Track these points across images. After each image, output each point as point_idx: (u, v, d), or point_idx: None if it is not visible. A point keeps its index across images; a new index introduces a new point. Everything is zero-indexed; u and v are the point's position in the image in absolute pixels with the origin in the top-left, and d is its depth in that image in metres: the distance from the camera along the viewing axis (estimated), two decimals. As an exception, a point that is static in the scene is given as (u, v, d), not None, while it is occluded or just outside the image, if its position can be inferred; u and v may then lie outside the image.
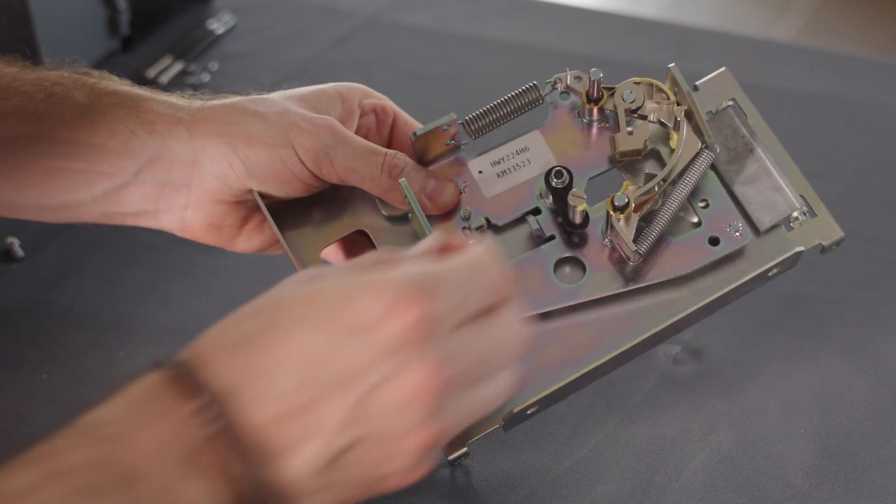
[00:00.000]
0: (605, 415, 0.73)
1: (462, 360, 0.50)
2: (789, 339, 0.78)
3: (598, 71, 0.69)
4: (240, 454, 0.47)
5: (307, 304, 0.50)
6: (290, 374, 0.48)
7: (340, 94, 0.72)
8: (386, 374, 0.48)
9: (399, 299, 0.49)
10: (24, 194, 0.71)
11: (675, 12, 2.75)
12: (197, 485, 0.47)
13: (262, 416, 0.48)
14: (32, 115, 0.69)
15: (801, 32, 2.70)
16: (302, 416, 0.48)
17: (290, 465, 0.48)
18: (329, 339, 0.49)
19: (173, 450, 0.47)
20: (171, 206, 0.71)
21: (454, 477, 0.69)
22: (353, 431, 0.49)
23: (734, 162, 0.71)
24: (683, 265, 0.68)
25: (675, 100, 0.69)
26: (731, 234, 0.69)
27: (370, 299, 0.49)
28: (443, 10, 1.16)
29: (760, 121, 0.72)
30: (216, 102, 0.71)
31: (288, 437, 0.48)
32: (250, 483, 0.47)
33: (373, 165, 0.68)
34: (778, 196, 0.70)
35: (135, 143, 0.69)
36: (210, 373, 0.48)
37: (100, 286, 0.83)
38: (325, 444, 0.49)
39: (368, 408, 0.49)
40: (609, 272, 0.68)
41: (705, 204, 0.69)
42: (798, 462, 0.71)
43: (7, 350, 0.77)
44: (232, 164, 0.69)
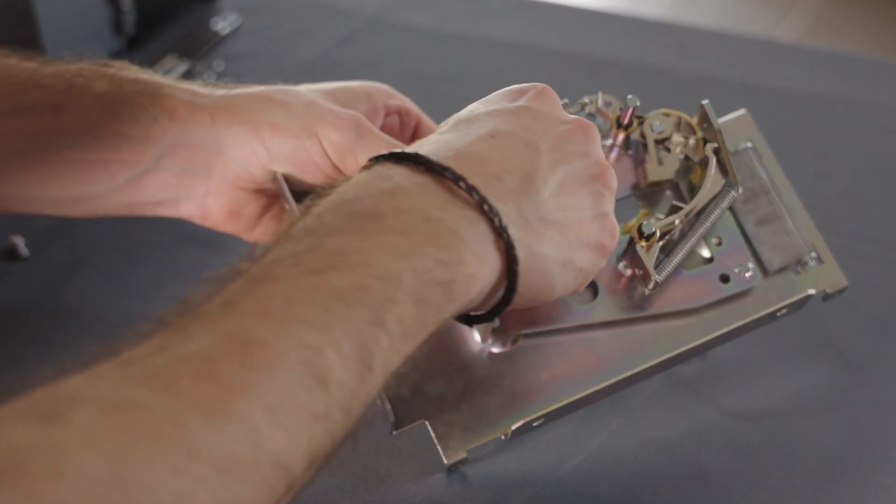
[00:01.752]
0: (609, 415, 0.73)
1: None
2: (793, 340, 0.79)
3: (636, 98, 0.70)
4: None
5: None
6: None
7: (367, 93, 0.73)
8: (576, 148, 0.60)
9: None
10: (46, 187, 0.71)
11: (678, 12, 2.75)
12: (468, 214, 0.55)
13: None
14: (53, 108, 0.69)
15: (806, 33, 2.70)
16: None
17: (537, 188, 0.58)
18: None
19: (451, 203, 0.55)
20: (191, 194, 0.71)
21: (458, 479, 0.69)
22: (559, 170, 0.59)
23: (749, 202, 0.72)
24: (693, 299, 0.69)
25: (702, 136, 0.70)
26: (742, 274, 0.70)
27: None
28: (445, 10, 1.16)
29: (776, 164, 0.74)
30: (241, 91, 0.71)
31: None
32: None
33: None
34: (789, 239, 0.72)
35: (156, 129, 0.69)
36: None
37: (105, 286, 0.83)
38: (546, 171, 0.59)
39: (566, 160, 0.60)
40: (620, 297, 0.69)
41: (718, 241, 0.71)
42: (803, 463, 0.71)
43: (11, 349, 0.77)
44: (256, 150, 0.69)
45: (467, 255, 0.54)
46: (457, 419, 0.66)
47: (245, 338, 0.46)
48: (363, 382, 0.49)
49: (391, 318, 0.51)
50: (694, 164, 0.71)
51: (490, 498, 0.68)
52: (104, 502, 0.40)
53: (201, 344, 0.46)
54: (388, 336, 0.50)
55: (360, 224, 0.52)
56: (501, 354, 0.67)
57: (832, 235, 0.75)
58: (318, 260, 0.50)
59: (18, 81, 0.70)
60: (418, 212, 0.54)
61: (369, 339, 0.50)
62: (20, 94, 0.70)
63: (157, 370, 0.44)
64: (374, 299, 0.50)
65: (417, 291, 0.52)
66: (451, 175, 0.55)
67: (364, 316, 0.50)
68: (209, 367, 0.45)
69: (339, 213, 0.53)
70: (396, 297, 0.51)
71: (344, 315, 0.49)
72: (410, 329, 0.52)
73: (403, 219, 0.53)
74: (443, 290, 0.53)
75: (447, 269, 0.53)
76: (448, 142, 0.58)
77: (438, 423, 0.66)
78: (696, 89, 1.05)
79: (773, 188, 0.73)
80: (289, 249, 0.51)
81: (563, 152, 0.60)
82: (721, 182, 0.70)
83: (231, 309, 0.48)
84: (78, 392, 0.43)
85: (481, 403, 0.66)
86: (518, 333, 0.67)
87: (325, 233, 0.52)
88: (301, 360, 0.47)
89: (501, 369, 0.67)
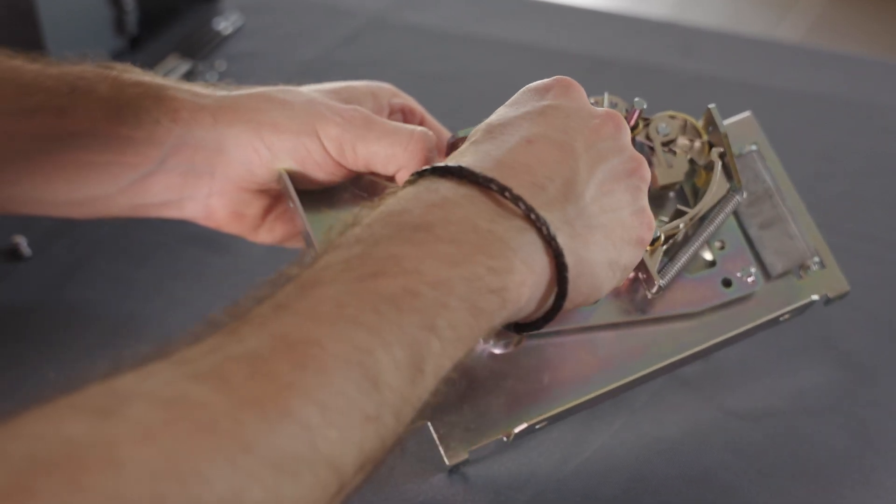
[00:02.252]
0: (612, 416, 0.73)
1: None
2: (795, 340, 0.79)
3: (643, 101, 0.70)
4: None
5: None
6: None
7: (372, 92, 0.73)
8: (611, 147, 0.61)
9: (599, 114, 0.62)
10: (52, 189, 0.71)
11: (679, 12, 2.75)
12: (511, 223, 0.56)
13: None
14: (57, 110, 0.70)
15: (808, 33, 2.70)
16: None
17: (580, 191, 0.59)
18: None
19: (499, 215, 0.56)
20: (195, 195, 0.72)
21: (460, 479, 0.69)
22: (598, 171, 0.60)
23: (753, 205, 0.72)
24: (694, 303, 0.69)
25: (708, 139, 0.70)
26: (744, 278, 0.70)
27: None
28: (448, 11, 1.16)
29: (780, 168, 0.74)
30: (242, 91, 0.71)
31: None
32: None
33: (395, 144, 0.68)
34: (792, 243, 0.72)
35: (159, 131, 0.69)
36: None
37: (107, 285, 0.83)
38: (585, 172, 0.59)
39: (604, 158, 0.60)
40: (622, 299, 0.69)
41: (721, 245, 0.71)
42: (806, 463, 0.71)
43: (13, 349, 0.77)
44: (258, 150, 0.69)
45: (517, 264, 0.54)
46: (458, 420, 0.66)
47: (297, 338, 0.47)
48: (414, 386, 0.50)
49: (443, 324, 0.51)
50: (699, 167, 0.71)
51: (492, 498, 0.68)
52: (160, 494, 0.40)
53: (253, 344, 0.46)
54: (440, 341, 0.51)
55: (408, 233, 0.53)
56: (503, 355, 0.67)
57: (833, 235, 0.75)
58: (369, 266, 0.51)
59: (23, 83, 0.70)
60: (467, 222, 0.54)
61: (421, 343, 0.50)
62: (25, 97, 0.70)
63: (210, 368, 0.45)
64: (425, 305, 0.51)
65: (471, 298, 0.52)
66: (497, 186, 0.56)
67: (415, 321, 0.50)
68: (262, 366, 0.45)
69: (389, 223, 0.54)
70: (449, 303, 0.51)
71: (395, 319, 0.49)
72: (463, 335, 0.52)
73: (452, 229, 0.54)
74: (495, 298, 0.54)
75: (499, 277, 0.54)
76: (486, 152, 0.58)
77: (440, 424, 0.66)
78: (699, 89, 1.05)
79: (776, 191, 0.73)
80: (339, 255, 0.52)
81: (598, 150, 0.60)
82: (726, 186, 0.70)
83: (282, 311, 0.48)
84: (131, 388, 0.43)
85: (483, 405, 0.66)
86: (521, 335, 0.67)
87: (374, 241, 0.52)
88: (353, 360, 0.47)
89: (503, 370, 0.67)
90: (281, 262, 0.74)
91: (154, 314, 0.81)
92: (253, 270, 0.83)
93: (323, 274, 0.51)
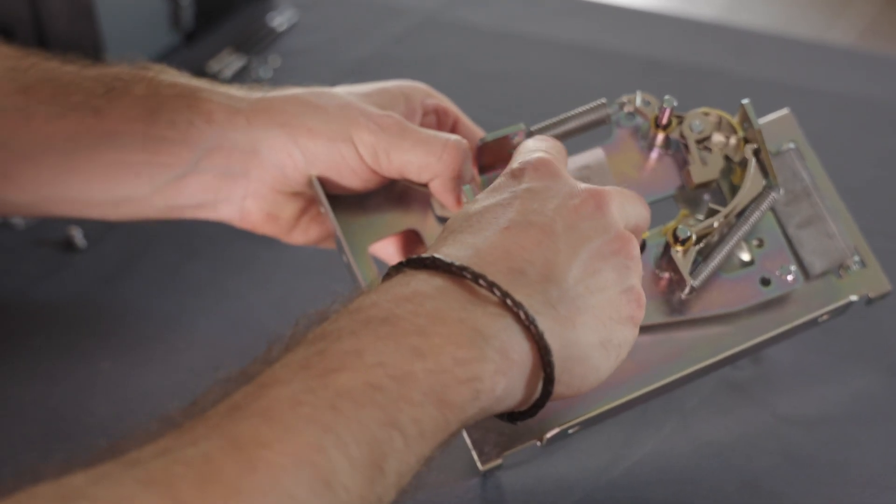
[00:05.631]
0: (662, 419, 0.73)
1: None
2: (848, 347, 0.78)
3: (672, 99, 0.69)
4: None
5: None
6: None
7: (404, 93, 0.73)
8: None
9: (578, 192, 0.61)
10: (89, 189, 0.72)
11: (728, 14, 2.74)
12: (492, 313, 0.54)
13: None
14: (94, 111, 0.70)
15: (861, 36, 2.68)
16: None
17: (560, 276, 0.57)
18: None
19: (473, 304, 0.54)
20: (231, 197, 0.72)
21: (494, 484, 0.69)
22: (581, 251, 0.58)
23: (791, 204, 0.71)
24: (732, 303, 0.68)
25: (743, 136, 0.69)
26: (783, 276, 0.69)
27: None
28: (501, 9, 1.16)
29: (819, 166, 0.73)
30: (277, 94, 0.71)
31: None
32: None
33: (429, 154, 0.68)
34: (832, 243, 0.71)
35: (193, 133, 0.70)
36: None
37: (159, 277, 0.84)
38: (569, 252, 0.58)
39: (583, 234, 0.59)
40: (658, 301, 0.68)
41: (759, 243, 0.69)
42: (858, 471, 0.70)
43: (67, 339, 0.78)
44: (292, 154, 0.69)
45: (490, 353, 0.52)
46: (492, 425, 0.66)
47: (248, 440, 0.46)
48: (373, 486, 0.48)
49: (406, 419, 0.49)
50: (734, 164, 0.70)
51: (543, 498, 0.68)
52: None
53: (205, 447, 0.46)
54: (404, 437, 0.49)
55: (374, 327, 0.51)
56: None
57: (891, 242, 0.74)
58: (330, 362, 0.50)
59: (60, 84, 0.71)
60: (436, 314, 0.53)
61: (381, 440, 0.48)
62: (61, 97, 0.71)
63: (159, 473, 0.44)
64: (387, 399, 0.49)
65: (437, 391, 0.51)
66: (471, 274, 0.54)
67: (376, 416, 0.48)
68: (211, 470, 0.45)
69: (355, 319, 0.52)
70: (412, 398, 0.50)
71: (353, 414, 0.48)
72: (428, 430, 0.50)
73: (420, 321, 0.52)
74: (466, 389, 0.52)
75: (468, 367, 0.52)
76: (463, 241, 0.57)
77: (473, 429, 0.66)
78: (752, 92, 1.03)
79: (815, 190, 0.72)
80: (301, 353, 0.51)
81: (580, 231, 0.58)
82: (761, 183, 0.68)
83: (236, 412, 0.48)
84: (81, 491, 0.43)
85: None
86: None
87: (338, 336, 0.51)
88: (304, 461, 0.46)
89: None
90: (330, 257, 0.75)
91: (205, 306, 0.81)
92: (303, 265, 0.84)
93: (281, 372, 0.49)
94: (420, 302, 0.53)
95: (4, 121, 0.71)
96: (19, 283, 0.82)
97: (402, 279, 0.55)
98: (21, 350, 0.77)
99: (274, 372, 0.50)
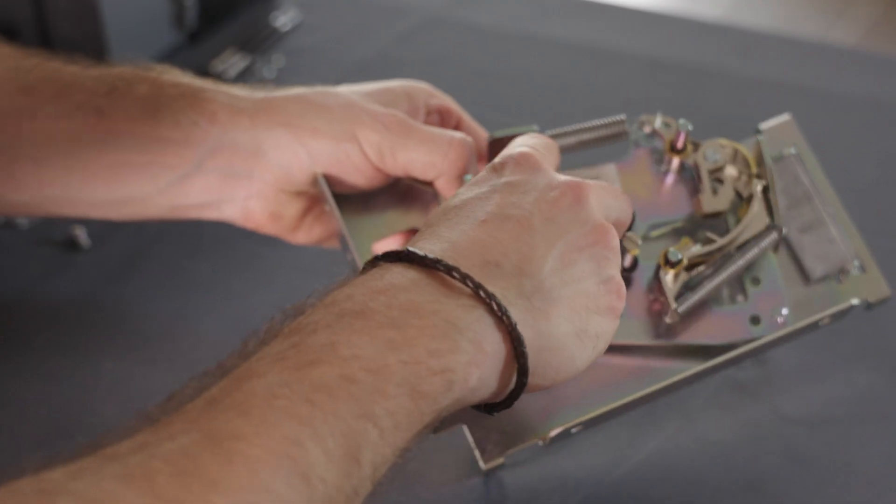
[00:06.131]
0: (666, 419, 0.73)
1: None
2: (852, 347, 0.78)
3: (688, 123, 0.69)
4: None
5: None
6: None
7: (407, 93, 0.73)
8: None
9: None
10: (92, 189, 0.72)
11: (732, 14, 2.74)
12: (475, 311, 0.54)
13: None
14: (96, 111, 0.70)
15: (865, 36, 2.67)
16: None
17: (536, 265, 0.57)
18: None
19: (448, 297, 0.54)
20: (234, 196, 0.72)
21: (496, 483, 0.69)
22: (558, 243, 0.58)
23: (792, 209, 0.71)
24: (718, 335, 0.68)
25: (756, 172, 0.69)
26: (774, 318, 0.68)
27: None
28: (504, 10, 1.16)
29: (820, 171, 0.73)
30: (280, 93, 0.71)
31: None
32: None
33: (434, 152, 0.68)
34: (833, 248, 0.71)
35: (197, 133, 0.70)
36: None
37: (164, 277, 0.84)
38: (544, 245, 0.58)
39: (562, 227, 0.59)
40: (643, 322, 0.68)
41: (755, 281, 0.69)
42: (862, 471, 0.70)
43: (71, 338, 0.78)
44: (297, 153, 0.69)
45: (464, 344, 0.53)
46: (494, 424, 0.66)
47: (225, 433, 0.46)
48: (349, 478, 0.48)
49: (381, 411, 0.50)
50: (743, 199, 0.70)
51: (547, 498, 0.68)
52: None
53: (182, 441, 0.46)
54: (378, 429, 0.50)
55: (348, 320, 0.52)
56: None
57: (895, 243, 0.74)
58: (305, 355, 0.50)
59: (63, 84, 0.71)
60: (410, 306, 0.53)
61: (357, 432, 0.49)
62: (64, 97, 0.71)
63: (137, 467, 0.45)
64: (362, 391, 0.49)
65: (410, 382, 0.51)
66: (444, 266, 0.54)
67: (351, 409, 0.49)
68: (188, 464, 0.45)
69: (330, 312, 0.52)
70: (386, 390, 0.50)
71: (329, 407, 0.48)
72: (402, 422, 0.51)
73: (394, 314, 0.52)
74: (439, 380, 0.52)
75: (441, 358, 0.52)
76: (440, 234, 0.57)
77: (476, 428, 0.66)
78: (755, 92, 1.04)
79: (815, 195, 0.72)
80: (277, 346, 0.51)
81: (558, 223, 0.58)
82: (765, 221, 0.68)
83: (213, 406, 0.48)
84: (60, 486, 0.44)
85: (519, 408, 0.66)
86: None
87: (312, 329, 0.51)
88: (281, 454, 0.46)
89: None
90: (334, 257, 0.76)
91: (209, 306, 0.81)
92: (307, 264, 0.84)
93: (257, 366, 0.50)
94: (394, 294, 0.53)
95: (7, 121, 0.71)
96: (23, 283, 0.82)
97: (377, 272, 0.55)
98: (25, 349, 0.77)
99: (250, 365, 0.50)
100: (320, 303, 0.54)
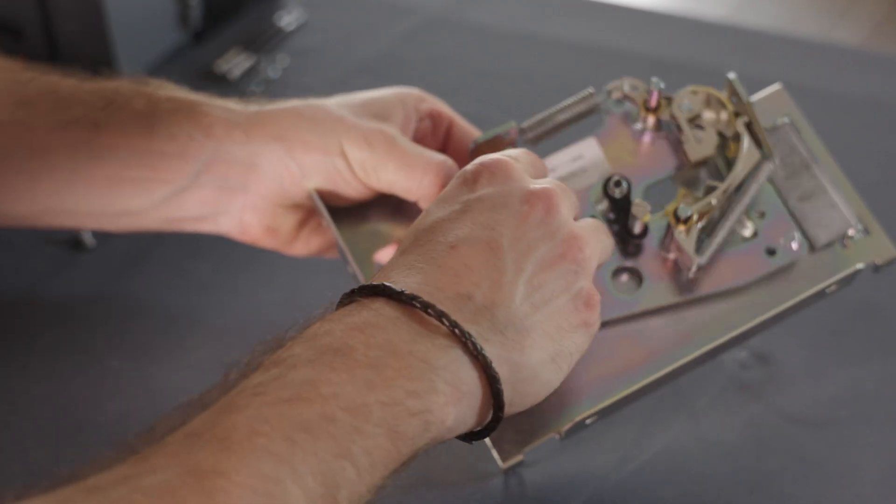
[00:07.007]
0: (671, 418, 0.73)
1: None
2: (858, 347, 0.78)
3: (660, 81, 0.69)
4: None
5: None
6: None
7: (401, 101, 0.73)
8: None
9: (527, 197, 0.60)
10: (87, 202, 0.72)
11: (735, 13, 2.74)
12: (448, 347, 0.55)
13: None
14: (93, 124, 0.71)
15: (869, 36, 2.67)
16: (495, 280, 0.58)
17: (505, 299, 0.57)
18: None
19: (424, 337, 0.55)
20: (230, 210, 0.72)
21: (516, 481, 0.69)
22: (526, 265, 0.58)
23: (790, 178, 0.71)
24: (741, 276, 0.68)
25: (734, 110, 0.69)
26: (788, 244, 0.68)
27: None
28: (509, 10, 1.16)
29: (816, 138, 0.72)
30: (273, 107, 0.72)
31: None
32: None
33: (410, 179, 0.69)
34: (834, 213, 0.70)
35: (193, 147, 0.70)
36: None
37: (167, 276, 0.84)
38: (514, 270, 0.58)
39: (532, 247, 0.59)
40: (666, 283, 0.68)
41: (761, 214, 0.69)
42: (868, 471, 0.70)
43: (76, 338, 0.78)
44: (289, 167, 0.70)
45: (440, 385, 0.53)
46: (509, 422, 0.66)
47: (206, 468, 0.46)
48: None
49: (358, 450, 0.50)
50: (728, 139, 0.70)
51: (552, 497, 0.68)
52: None
53: (163, 475, 0.46)
54: (356, 468, 0.50)
55: (328, 357, 0.52)
56: None
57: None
58: (284, 390, 0.50)
59: (60, 97, 0.71)
60: (387, 345, 0.53)
61: (335, 471, 0.49)
62: (61, 110, 0.71)
63: (120, 500, 0.45)
64: (340, 431, 0.50)
65: (389, 423, 0.51)
66: (420, 304, 0.54)
67: (330, 447, 0.49)
68: (170, 499, 0.45)
69: (310, 346, 0.53)
70: (364, 429, 0.50)
71: (309, 446, 0.49)
72: (378, 461, 0.51)
73: (373, 353, 0.53)
74: (417, 421, 0.52)
75: (419, 400, 0.53)
76: (412, 264, 0.57)
77: None
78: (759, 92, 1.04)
79: (813, 162, 0.71)
80: (257, 380, 0.51)
81: (527, 241, 0.59)
82: (756, 155, 0.68)
83: (194, 440, 0.48)
84: None
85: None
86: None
87: (292, 364, 0.52)
88: (261, 492, 0.47)
89: None
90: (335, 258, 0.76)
91: (212, 305, 0.82)
92: (309, 264, 0.84)
93: (238, 399, 0.50)
94: (372, 334, 0.54)
95: (4, 133, 0.71)
96: (28, 282, 0.82)
97: (355, 308, 0.55)
98: (30, 348, 0.77)
99: (231, 399, 0.50)
100: (300, 336, 0.54)
